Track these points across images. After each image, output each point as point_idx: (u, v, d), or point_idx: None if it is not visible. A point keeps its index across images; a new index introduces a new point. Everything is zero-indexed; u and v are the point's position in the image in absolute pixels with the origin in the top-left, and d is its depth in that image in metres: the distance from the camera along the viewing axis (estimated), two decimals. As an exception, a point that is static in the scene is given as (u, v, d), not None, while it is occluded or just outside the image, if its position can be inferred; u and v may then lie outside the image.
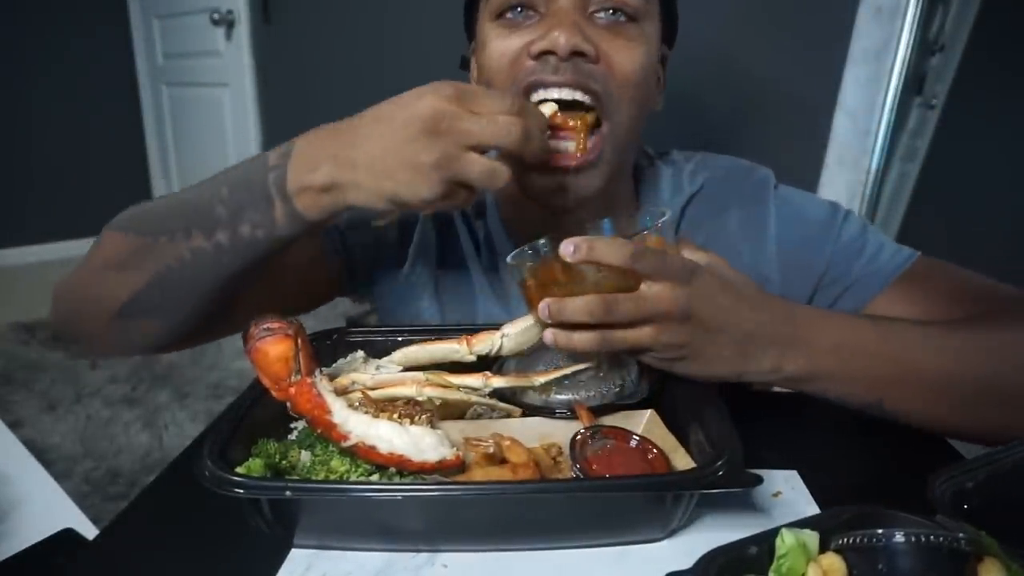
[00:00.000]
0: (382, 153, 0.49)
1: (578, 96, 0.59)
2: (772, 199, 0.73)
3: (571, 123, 0.59)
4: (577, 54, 0.58)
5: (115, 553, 0.48)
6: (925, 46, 1.87)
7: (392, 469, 0.48)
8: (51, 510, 0.71)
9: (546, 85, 0.59)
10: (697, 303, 0.49)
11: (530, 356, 0.61)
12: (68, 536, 0.68)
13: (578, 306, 0.47)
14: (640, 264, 0.47)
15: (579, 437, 0.50)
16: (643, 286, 0.48)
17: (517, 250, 0.57)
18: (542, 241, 0.58)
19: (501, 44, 0.62)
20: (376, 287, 0.79)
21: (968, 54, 2.32)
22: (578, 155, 0.60)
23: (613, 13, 0.60)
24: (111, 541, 0.50)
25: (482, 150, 0.50)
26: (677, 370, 0.52)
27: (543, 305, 0.49)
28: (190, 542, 0.48)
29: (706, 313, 0.49)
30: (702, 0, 1.58)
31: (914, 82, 1.87)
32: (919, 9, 1.32)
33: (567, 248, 0.46)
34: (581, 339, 0.49)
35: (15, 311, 2.76)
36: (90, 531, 0.70)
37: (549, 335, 0.50)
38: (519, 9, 0.62)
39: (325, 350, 0.60)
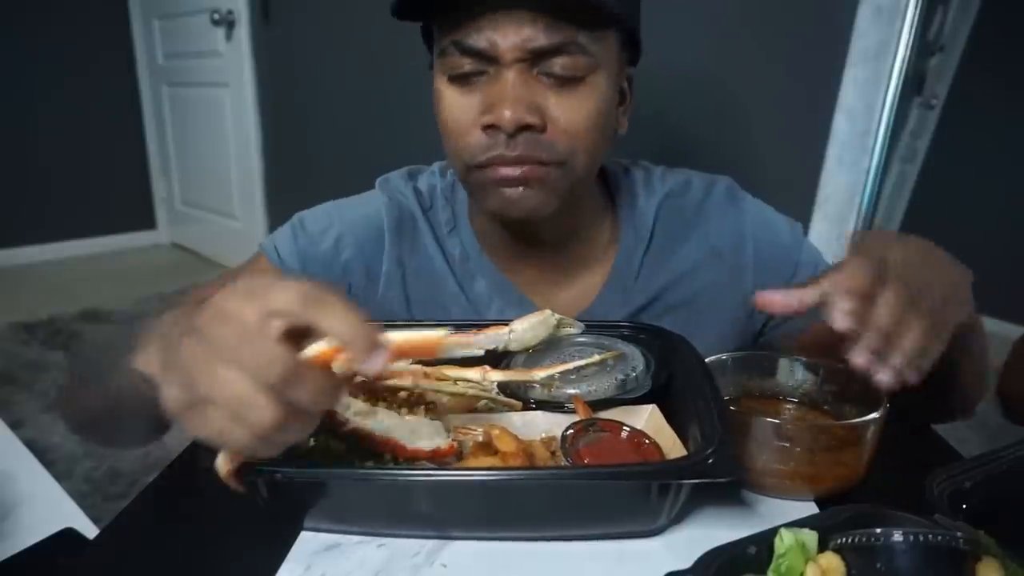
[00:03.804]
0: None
1: (530, 168, 0.60)
2: (745, 202, 0.77)
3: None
4: (524, 127, 0.58)
5: (115, 553, 0.48)
6: (925, 46, 1.87)
7: (387, 456, 0.48)
8: (52, 509, 0.71)
9: (503, 164, 0.60)
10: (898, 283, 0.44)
11: (538, 352, 0.61)
12: (68, 535, 0.68)
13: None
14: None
15: (572, 430, 0.50)
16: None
17: None
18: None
19: (453, 109, 0.62)
20: None
21: (968, 54, 2.32)
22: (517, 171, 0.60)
23: (561, 70, 0.59)
24: (111, 541, 0.50)
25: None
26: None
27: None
28: (190, 541, 0.48)
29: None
30: (701, 1, 1.58)
31: (914, 82, 1.87)
32: (919, 9, 1.32)
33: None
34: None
35: (15, 311, 2.76)
36: (90, 531, 0.70)
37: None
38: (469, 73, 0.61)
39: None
